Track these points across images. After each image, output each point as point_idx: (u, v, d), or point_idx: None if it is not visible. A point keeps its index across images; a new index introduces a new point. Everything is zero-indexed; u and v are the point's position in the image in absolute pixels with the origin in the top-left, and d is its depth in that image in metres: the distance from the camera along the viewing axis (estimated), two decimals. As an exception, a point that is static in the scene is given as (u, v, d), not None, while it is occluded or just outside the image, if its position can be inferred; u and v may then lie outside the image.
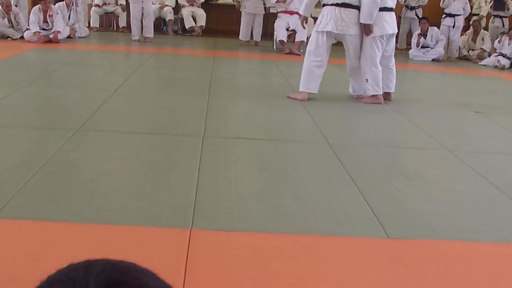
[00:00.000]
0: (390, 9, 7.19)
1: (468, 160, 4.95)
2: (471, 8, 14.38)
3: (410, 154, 5.28)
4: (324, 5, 7.07)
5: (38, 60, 9.78)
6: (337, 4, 6.95)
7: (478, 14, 14.67)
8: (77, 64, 9.13)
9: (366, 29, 7.04)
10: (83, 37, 12.48)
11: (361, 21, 6.99)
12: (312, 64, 7.11)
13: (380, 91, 7.20)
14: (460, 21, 13.46)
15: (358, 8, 6.95)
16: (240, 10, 13.13)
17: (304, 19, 7.45)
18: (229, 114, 6.11)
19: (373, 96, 7.23)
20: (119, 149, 4.71)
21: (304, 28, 8.99)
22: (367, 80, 7.17)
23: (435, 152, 5.26)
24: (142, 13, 12.41)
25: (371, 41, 7.09)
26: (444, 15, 13.62)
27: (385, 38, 7.18)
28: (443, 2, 13.52)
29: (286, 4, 12.27)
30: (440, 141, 5.56)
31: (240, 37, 13.18)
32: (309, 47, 7.18)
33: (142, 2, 12.35)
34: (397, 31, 7.45)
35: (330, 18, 6.97)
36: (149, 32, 12.58)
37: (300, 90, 7.13)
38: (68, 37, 11.85)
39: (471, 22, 14.35)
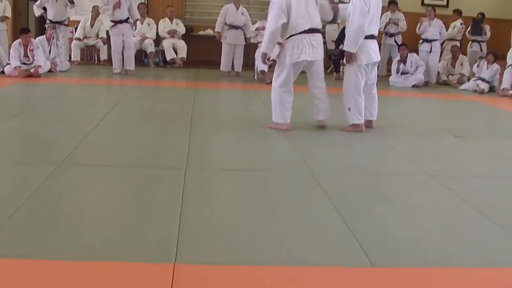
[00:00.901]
0: (375, 37, 7.20)
1: (450, 184, 4.98)
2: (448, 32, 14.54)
3: (393, 180, 5.29)
4: (290, 36, 6.90)
5: (19, 95, 9.73)
6: (305, 31, 6.86)
7: (458, 40, 14.79)
8: (59, 98, 9.11)
9: (348, 57, 7.03)
10: (64, 70, 12.44)
11: (345, 49, 6.98)
12: (283, 95, 7.03)
13: (362, 119, 7.18)
14: (437, 46, 13.59)
15: (321, 32, 7.00)
16: (221, 41, 13.17)
17: (266, 56, 7.16)
18: (212, 145, 6.10)
19: (355, 124, 7.18)
20: (101, 182, 4.70)
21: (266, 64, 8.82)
22: (349, 108, 7.13)
23: (418, 177, 5.28)
24: (123, 46, 12.45)
25: (356, 69, 7.04)
26: (421, 41, 13.75)
27: (370, 66, 7.17)
28: (419, 28, 13.65)
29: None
30: (422, 166, 5.59)
31: (221, 68, 13.21)
32: (279, 79, 7.07)
33: (123, 35, 12.38)
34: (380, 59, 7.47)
35: (302, 47, 6.85)
36: (130, 65, 12.60)
37: (278, 121, 7.05)
38: (49, 71, 11.80)
39: (449, 48, 14.48)
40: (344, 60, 7.12)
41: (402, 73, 13.10)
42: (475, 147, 6.75)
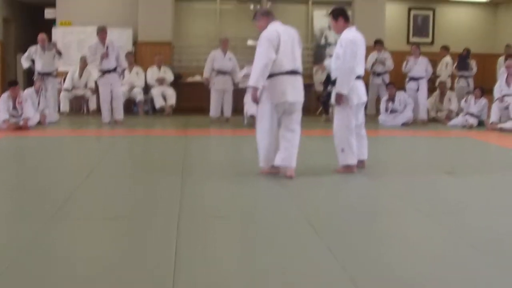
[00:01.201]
0: (361, 77, 7.24)
1: (444, 222, 4.97)
2: (435, 71, 14.69)
3: (387, 219, 5.27)
4: (271, 75, 6.71)
5: (8, 148, 9.70)
6: (287, 72, 6.79)
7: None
8: (49, 150, 9.10)
9: (339, 99, 7.02)
10: (53, 122, 12.44)
11: (337, 90, 6.96)
12: (272, 139, 6.87)
13: (355, 160, 7.16)
14: (424, 84, 13.71)
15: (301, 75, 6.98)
16: (209, 87, 13.23)
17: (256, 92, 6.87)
18: (204, 193, 6.07)
19: (348, 165, 7.14)
20: (94, 235, 4.66)
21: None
22: (343, 150, 7.09)
23: (412, 216, 5.27)
24: (112, 96, 12.48)
25: (348, 110, 7.06)
26: (408, 79, 13.88)
27: (359, 107, 7.20)
28: (405, 67, 13.78)
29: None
30: (415, 204, 5.58)
31: (210, 114, 13.23)
32: (263, 123, 6.80)
33: (111, 84, 12.42)
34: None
35: (285, 88, 6.72)
36: (119, 114, 12.62)
37: (279, 164, 6.83)
38: (39, 123, 11.80)
39: (436, 84, 14.60)
40: (333, 101, 7.09)
41: (391, 112, 13.17)
42: (467, 183, 6.77)
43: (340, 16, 7.17)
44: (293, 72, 6.80)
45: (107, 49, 12.26)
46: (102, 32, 12.28)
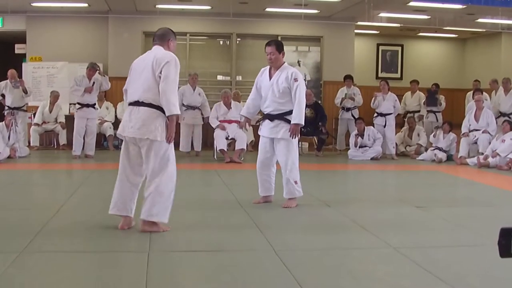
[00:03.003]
0: None
1: (414, 256, 5.00)
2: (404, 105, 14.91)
3: (356, 254, 5.29)
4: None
5: (-23, 184, 9.63)
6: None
7: (416, 111, 15.08)
8: (19, 185, 9.04)
9: (296, 131, 7.06)
10: (23, 156, 12.39)
11: (298, 122, 7.01)
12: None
13: (301, 192, 7.30)
14: (391, 120, 13.82)
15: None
16: (179, 121, 13.22)
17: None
18: (174, 227, 6.06)
19: (293, 198, 7.26)
20: (64, 269, 4.62)
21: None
22: (296, 182, 7.22)
23: (381, 250, 5.30)
24: (86, 131, 12.46)
25: (296, 142, 7.27)
26: (375, 115, 14.00)
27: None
28: (373, 103, 13.89)
29: (224, 114, 12.51)
30: (385, 238, 5.61)
31: (180, 149, 13.22)
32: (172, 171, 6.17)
33: (87, 119, 12.42)
34: None
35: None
36: (91, 150, 12.62)
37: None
38: (8, 157, 11.75)
39: (405, 119, 14.77)
40: (290, 135, 7.09)
41: (360, 147, 13.27)
42: (437, 217, 6.83)
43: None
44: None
45: (93, 85, 12.29)
46: (92, 69, 12.34)
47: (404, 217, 6.89)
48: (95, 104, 12.59)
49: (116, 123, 14.47)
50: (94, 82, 12.35)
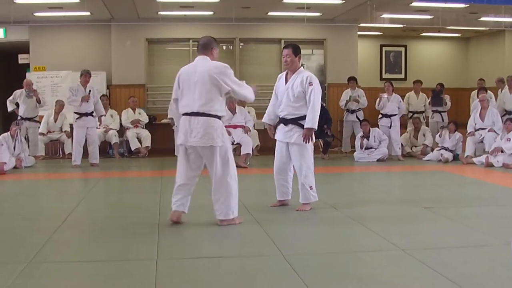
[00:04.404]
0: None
1: (422, 257, 4.97)
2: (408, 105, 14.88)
3: (365, 257, 5.26)
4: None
5: (-17, 195, 9.64)
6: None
7: (422, 112, 15.06)
8: (25, 195, 9.03)
9: (309, 135, 7.06)
10: (29, 166, 12.40)
11: (311, 126, 7.02)
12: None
13: (316, 197, 7.30)
14: (396, 121, 13.77)
15: None
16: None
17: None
18: (183, 234, 6.05)
19: (308, 203, 7.27)
20: (72, 279, 4.61)
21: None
22: (311, 187, 7.22)
23: (389, 252, 5.27)
24: (86, 139, 12.48)
25: (312, 147, 7.25)
26: (380, 116, 13.96)
27: None
28: (378, 104, 13.85)
29: (229, 119, 12.47)
30: (393, 241, 5.59)
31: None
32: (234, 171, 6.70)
33: (87, 128, 12.43)
34: None
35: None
36: (95, 158, 12.61)
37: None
38: (14, 167, 11.76)
39: (411, 120, 14.74)
40: (303, 140, 7.07)
41: (366, 148, 13.24)
42: (444, 217, 6.79)
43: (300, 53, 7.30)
44: None
45: (90, 93, 12.30)
46: (86, 75, 12.38)
47: (411, 218, 6.86)
48: (92, 112, 12.58)
49: (121, 131, 14.49)
50: (90, 90, 12.38)
